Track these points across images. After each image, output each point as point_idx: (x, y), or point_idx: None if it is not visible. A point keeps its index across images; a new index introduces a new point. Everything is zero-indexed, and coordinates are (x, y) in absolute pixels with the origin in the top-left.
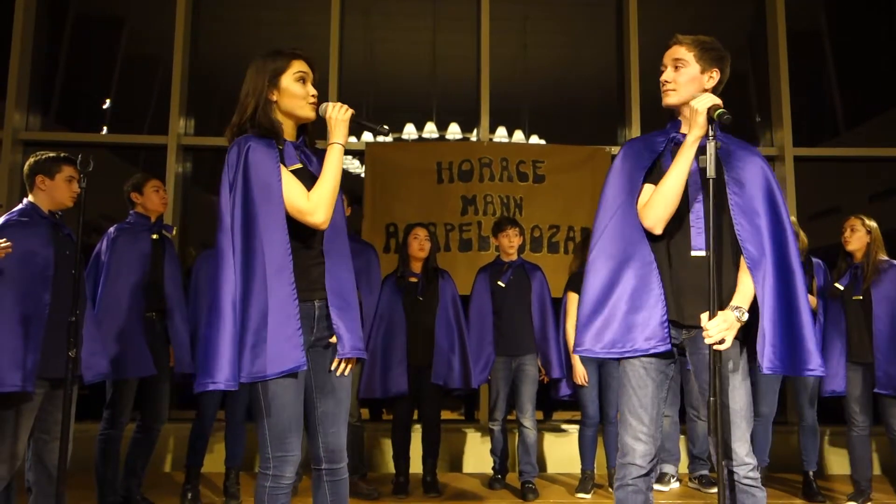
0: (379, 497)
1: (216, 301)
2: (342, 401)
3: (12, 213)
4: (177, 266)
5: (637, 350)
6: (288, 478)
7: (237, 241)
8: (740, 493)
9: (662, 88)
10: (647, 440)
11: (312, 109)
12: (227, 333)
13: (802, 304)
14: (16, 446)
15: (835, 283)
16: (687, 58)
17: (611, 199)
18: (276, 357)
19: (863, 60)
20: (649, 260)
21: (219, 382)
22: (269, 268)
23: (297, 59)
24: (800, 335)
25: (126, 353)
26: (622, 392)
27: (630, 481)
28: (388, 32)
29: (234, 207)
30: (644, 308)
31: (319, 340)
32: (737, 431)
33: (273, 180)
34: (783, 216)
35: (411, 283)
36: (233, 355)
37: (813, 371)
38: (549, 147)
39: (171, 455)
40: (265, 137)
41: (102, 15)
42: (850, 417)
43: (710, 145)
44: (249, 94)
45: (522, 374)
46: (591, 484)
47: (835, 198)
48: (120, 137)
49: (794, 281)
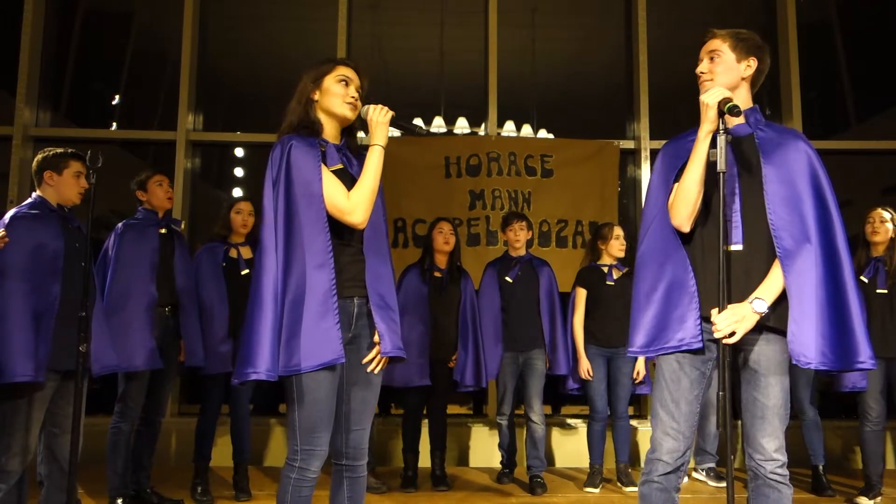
0: (388, 491)
1: (259, 293)
2: (370, 401)
3: (21, 207)
4: (188, 260)
5: (668, 347)
6: (314, 471)
7: (280, 237)
8: (766, 486)
9: (699, 80)
10: (677, 436)
11: (351, 110)
12: (268, 325)
13: (852, 294)
14: (27, 439)
15: (859, 276)
16: (722, 48)
17: (651, 203)
18: (313, 351)
19: (874, 53)
20: (684, 260)
21: (260, 372)
22: (309, 264)
23: (342, 64)
24: (850, 326)
25: (134, 346)
26: (655, 386)
27: (656, 478)
28: (396, 27)
29: (276, 204)
30: (679, 306)
31: (356, 338)
32: (768, 427)
33: (314, 179)
34: (829, 201)
35: (436, 278)
36: (273, 346)
37: (863, 364)
38: (558, 141)
39: (179, 450)
40: (308, 137)
41: (111, 11)
42: (864, 412)
43: (720, 139)
44: (297, 98)
45: (530, 369)
46: (599, 478)
47: (846, 191)
48: (129, 133)
49: (841, 268)
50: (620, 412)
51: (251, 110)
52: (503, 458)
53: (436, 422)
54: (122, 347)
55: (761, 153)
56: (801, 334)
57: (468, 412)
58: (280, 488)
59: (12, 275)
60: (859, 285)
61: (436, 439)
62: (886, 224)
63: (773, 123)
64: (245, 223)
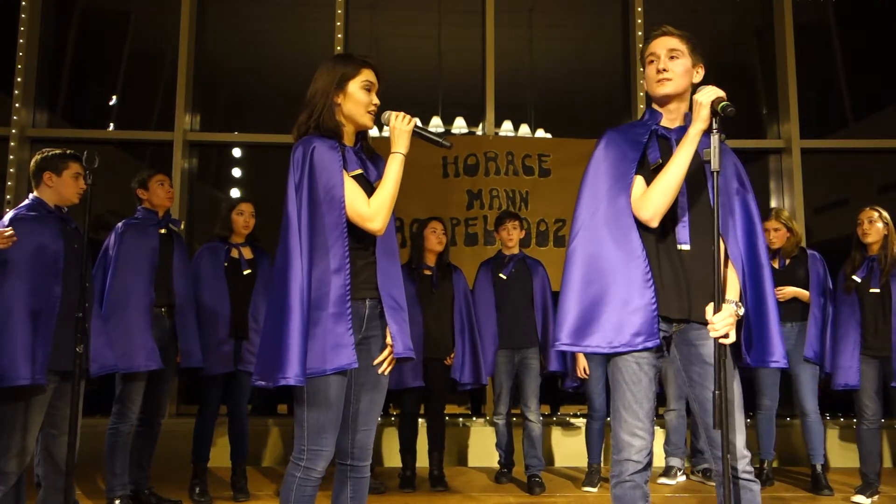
0: (386, 491)
1: (287, 298)
2: (377, 402)
3: (20, 208)
4: (186, 261)
5: (627, 346)
6: (318, 472)
7: (304, 241)
8: (737, 487)
9: (657, 78)
10: (644, 435)
11: (371, 119)
12: (297, 330)
13: (770, 298)
14: (25, 441)
15: (852, 276)
16: (682, 49)
17: (595, 188)
18: (327, 355)
19: (870, 51)
20: (640, 253)
21: (289, 378)
22: (328, 268)
23: (367, 67)
24: (766, 327)
25: (134, 347)
26: (615, 388)
27: (627, 477)
28: (393, 26)
29: (300, 208)
30: (634, 303)
31: (366, 339)
32: (734, 423)
33: (336, 183)
34: (752, 207)
35: (426, 276)
36: (302, 352)
37: (777, 363)
38: (555, 141)
39: (178, 450)
40: (328, 139)
41: (108, 11)
42: (860, 411)
43: (714, 138)
44: (318, 95)
45: (526, 369)
46: (597, 477)
47: (842, 190)
48: (126, 134)
49: (762, 274)
50: None
51: (249, 110)
52: (501, 458)
53: (433, 422)
54: (121, 348)
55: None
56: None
57: (466, 412)
58: (283, 486)
59: (13, 276)
60: (854, 286)
61: (434, 439)
62: (876, 224)
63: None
64: (247, 224)
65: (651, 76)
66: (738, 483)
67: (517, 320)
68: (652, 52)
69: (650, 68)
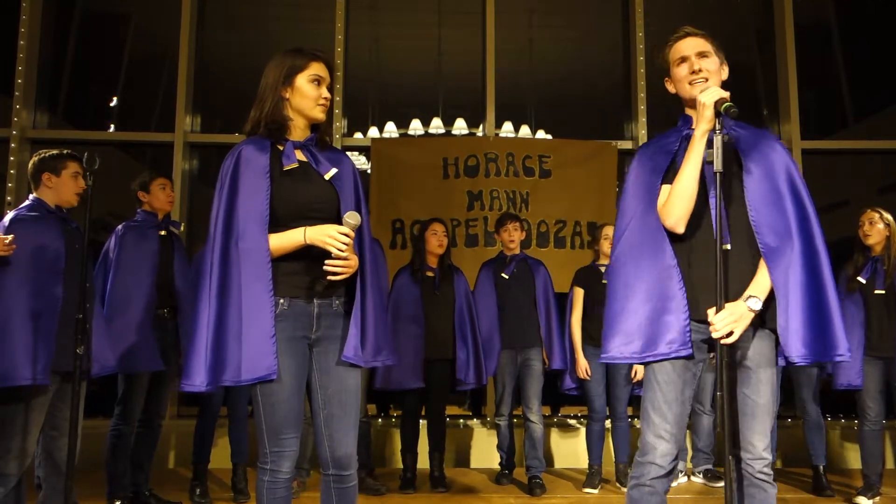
0: (386, 492)
1: (198, 306)
2: (349, 402)
3: (20, 210)
4: (186, 263)
5: (658, 355)
6: (285, 472)
7: (217, 246)
8: (752, 486)
9: (695, 78)
10: (670, 439)
11: (322, 111)
12: (203, 337)
13: (830, 288)
14: (26, 442)
15: (856, 277)
16: (710, 49)
17: (628, 204)
18: (246, 364)
19: (871, 52)
20: (671, 263)
21: (195, 385)
22: (245, 273)
23: (316, 60)
24: (828, 320)
25: (135, 348)
26: (647, 388)
27: (647, 481)
28: (394, 28)
29: (217, 214)
30: (666, 312)
31: (321, 340)
32: (759, 426)
33: (259, 184)
34: (805, 200)
35: (428, 278)
36: (211, 359)
37: (842, 356)
38: (556, 142)
39: (178, 451)
40: (266, 138)
41: (109, 13)
42: (863, 411)
43: (717, 139)
44: (267, 89)
45: (528, 370)
46: (598, 479)
47: (843, 191)
48: (127, 135)
49: (820, 264)
50: (619, 413)
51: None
52: (502, 459)
53: (434, 423)
54: (123, 349)
55: (740, 151)
56: (788, 330)
57: (467, 413)
58: (256, 492)
59: (15, 277)
60: (859, 287)
61: (434, 440)
62: (878, 225)
63: (743, 123)
64: None
65: (684, 77)
66: (754, 483)
67: (520, 320)
68: (681, 54)
69: (680, 70)
